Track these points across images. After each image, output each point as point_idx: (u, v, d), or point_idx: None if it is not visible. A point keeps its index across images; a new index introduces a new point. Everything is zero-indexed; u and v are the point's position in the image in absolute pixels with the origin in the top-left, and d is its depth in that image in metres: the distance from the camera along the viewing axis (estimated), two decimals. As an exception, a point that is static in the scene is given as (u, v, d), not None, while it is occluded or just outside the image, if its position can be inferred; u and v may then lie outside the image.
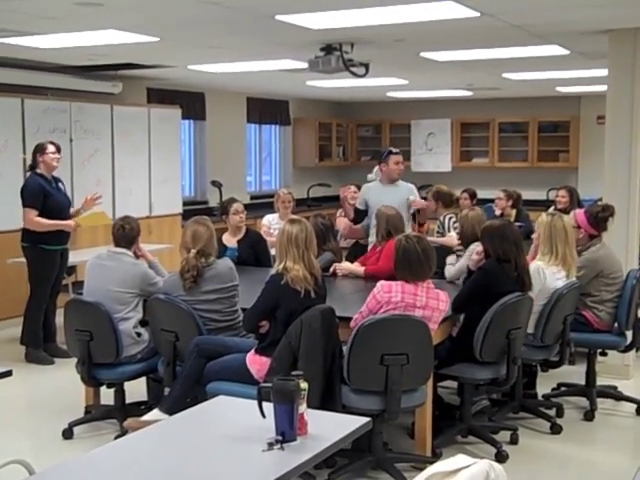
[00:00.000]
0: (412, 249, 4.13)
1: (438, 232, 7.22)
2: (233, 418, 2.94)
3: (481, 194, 9.12)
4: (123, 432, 4.45)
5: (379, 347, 3.92)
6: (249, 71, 8.31)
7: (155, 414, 4.32)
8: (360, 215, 6.72)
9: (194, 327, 4.42)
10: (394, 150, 6.79)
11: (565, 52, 6.97)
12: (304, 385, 2.66)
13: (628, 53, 5.86)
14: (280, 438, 2.58)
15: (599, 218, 5.36)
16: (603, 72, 6.21)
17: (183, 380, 4.38)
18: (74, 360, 4.83)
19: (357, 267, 5.78)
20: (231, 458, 2.54)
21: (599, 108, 7.56)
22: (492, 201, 8.50)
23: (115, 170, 8.82)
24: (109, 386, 4.93)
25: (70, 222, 6.36)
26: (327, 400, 3.95)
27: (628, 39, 5.85)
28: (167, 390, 4.63)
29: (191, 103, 10.37)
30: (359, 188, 7.31)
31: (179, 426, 2.92)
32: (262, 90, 11.12)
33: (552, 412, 5.16)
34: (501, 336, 4.45)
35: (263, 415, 2.68)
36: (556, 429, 4.94)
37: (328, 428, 2.76)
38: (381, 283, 4.15)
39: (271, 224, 7.02)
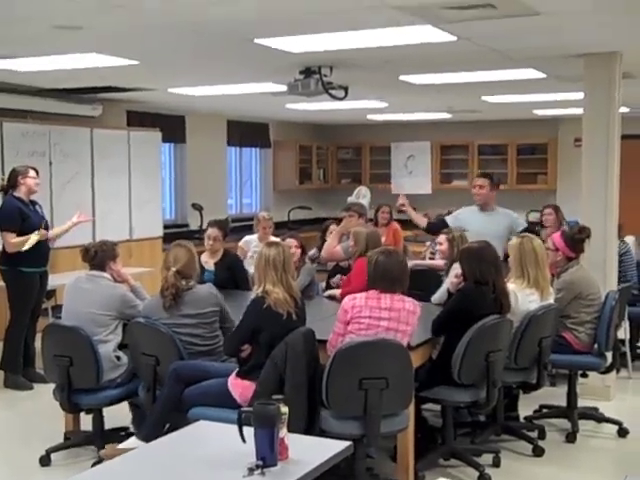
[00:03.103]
0: (385, 261, 4.19)
1: (432, 253, 7.10)
2: (213, 443, 2.92)
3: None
4: (99, 460, 4.39)
5: (357, 371, 3.90)
6: (229, 94, 8.32)
7: (132, 442, 4.27)
8: (439, 225, 6.41)
9: (175, 351, 4.39)
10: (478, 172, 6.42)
11: (541, 75, 7.04)
12: (284, 409, 2.65)
13: (603, 77, 5.93)
14: (261, 463, 2.56)
15: (576, 240, 5.40)
16: (580, 95, 6.28)
17: (160, 407, 4.34)
18: (53, 385, 4.77)
19: (334, 292, 5.84)
20: (211, 484, 2.52)
21: (576, 131, 7.60)
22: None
23: (95, 193, 8.79)
24: (88, 412, 4.88)
25: (43, 231, 6.31)
26: (308, 424, 3.92)
27: (603, 63, 5.92)
28: (148, 416, 4.59)
29: (171, 126, 10.35)
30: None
31: (158, 451, 2.89)
32: (242, 113, 11.14)
33: (534, 434, 5.16)
34: (480, 358, 4.44)
35: (243, 440, 2.67)
36: (538, 451, 4.93)
37: (309, 452, 2.75)
38: (347, 296, 4.26)
39: (249, 246, 7.02)
